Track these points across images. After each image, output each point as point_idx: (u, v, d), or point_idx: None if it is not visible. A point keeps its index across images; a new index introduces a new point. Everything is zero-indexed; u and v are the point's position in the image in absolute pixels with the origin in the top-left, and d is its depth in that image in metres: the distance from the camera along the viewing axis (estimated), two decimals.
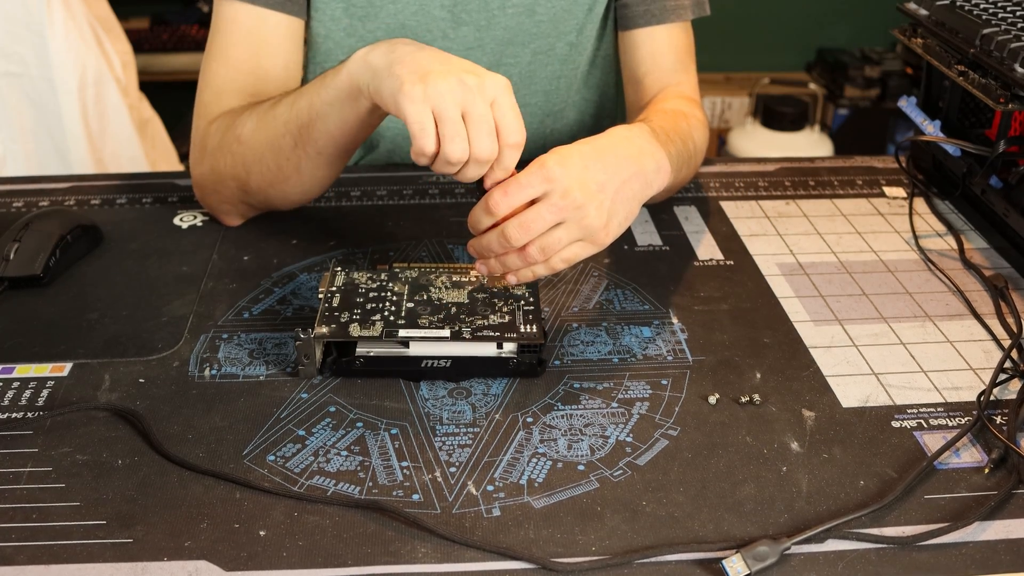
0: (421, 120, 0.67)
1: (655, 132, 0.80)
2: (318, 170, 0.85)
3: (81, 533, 0.58)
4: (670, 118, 0.88)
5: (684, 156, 0.87)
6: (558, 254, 0.71)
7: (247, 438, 0.66)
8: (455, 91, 0.67)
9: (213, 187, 0.90)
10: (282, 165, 0.84)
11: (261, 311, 0.80)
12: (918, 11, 1.00)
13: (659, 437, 0.67)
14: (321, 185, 0.88)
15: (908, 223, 0.96)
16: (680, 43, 1.01)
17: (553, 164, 0.69)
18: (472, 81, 0.67)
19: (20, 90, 1.60)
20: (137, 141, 1.72)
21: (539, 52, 1.04)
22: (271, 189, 0.87)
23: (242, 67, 0.91)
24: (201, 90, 0.92)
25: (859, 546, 0.58)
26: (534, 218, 0.68)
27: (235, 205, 0.91)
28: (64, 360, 0.74)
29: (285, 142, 0.82)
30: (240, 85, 0.91)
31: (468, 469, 0.64)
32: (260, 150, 0.84)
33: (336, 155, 0.83)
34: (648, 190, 0.76)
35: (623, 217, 0.73)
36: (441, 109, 0.67)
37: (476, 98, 0.67)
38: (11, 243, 0.84)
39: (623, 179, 0.73)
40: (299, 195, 0.89)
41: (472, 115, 0.67)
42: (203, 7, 2.61)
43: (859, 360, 0.75)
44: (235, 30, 0.91)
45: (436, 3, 1.00)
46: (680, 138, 0.86)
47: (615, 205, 0.72)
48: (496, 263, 0.72)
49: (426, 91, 0.67)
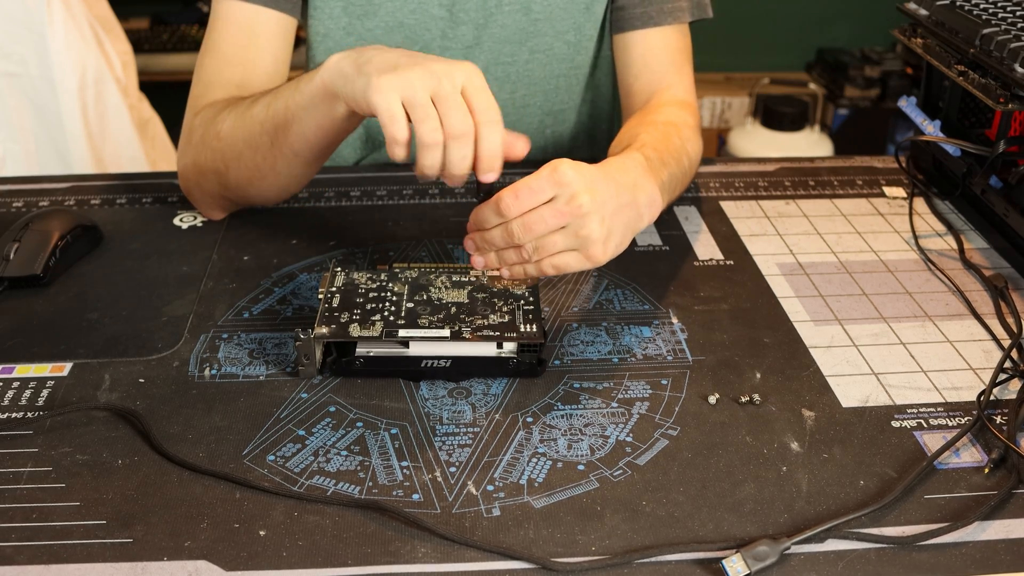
0: (390, 108, 0.68)
1: (648, 162, 0.79)
2: (295, 169, 0.86)
3: (81, 533, 0.58)
4: (662, 136, 0.87)
5: (677, 177, 0.87)
6: (550, 258, 0.70)
7: (247, 438, 0.66)
8: (423, 78, 0.67)
9: (196, 180, 0.91)
10: (259, 164, 0.85)
11: (261, 311, 0.80)
12: (918, 11, 1.00)
13: (659, 437, 0.67)
14: (299, 183, 0.89)
15: (908, 223, 0.96)
16: (674, 45, 1.01)
17: (566, 168, 0.69)
18: (439, 68, 0.68)
19: (20, 90, 1.60)
20: (137, 141, 1.72)
21: (537, 51, 1.04)
22: (249, 186, 0.88)
23: (231, 59, 0.93)
24: (193, 84, 0.95)
25: (859, 546, 0.58)
26: (538, 219, 0.68)
27: (216, 199, 0.92)
28: (64, 360, 0.74)
29: (262, 141, 0.83)
30: (227, 77, 0.93)
31: (468, 469, 0.64)
32: (238, 148, 0.85)
33: (312, 157, 0.84)
34: (639, 222, 0.76)
35: (620, 239, 0.73)
36: (410, 95, 0.67)
37: (443, 81, 0.67)
38: (11, 243, 0.84)
39: (620, 203, 0.73)
40: (277, 192, 0.90)
41: (440, 96, 0.67)
42: (203, 7, 2.61)
43: (859, 360, 0.75)
44: (227, 26, 0.94)
45: (435, 2, 1.00)
46: (674, 158, 0.86)
47: (614, 224, 0.72)
48: (494, 257, 0.72)
49: (393, 81, 0.68)
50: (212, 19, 0.95)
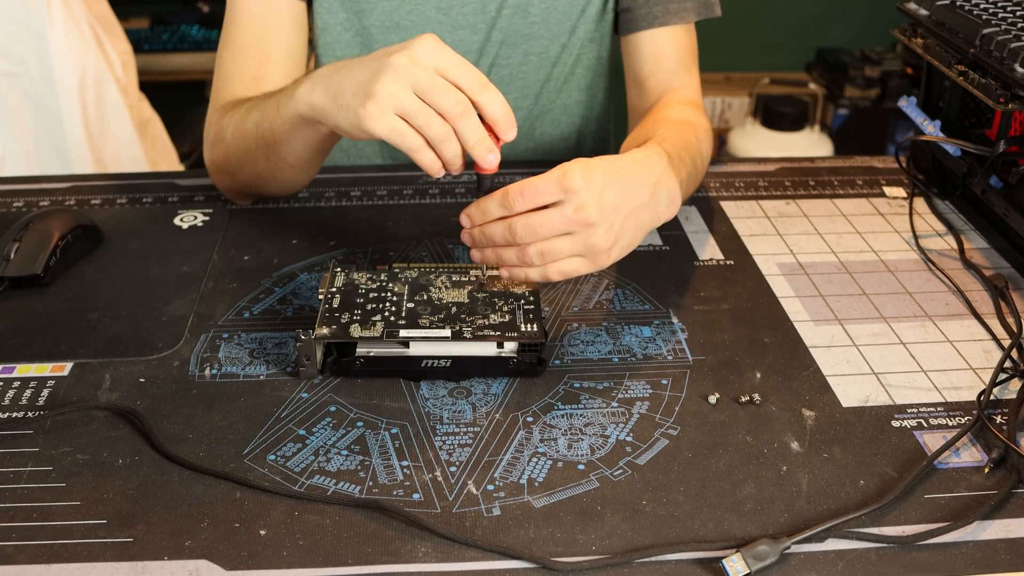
0: (392, 128, 0.68)
1: (671, 158, 0.79)
2: (295, 174, 0.89)
3: (82, 532, 0.58)
4: (680, 133, 0.87)
5: (694, 175, 0.87)
6: (556, 264, 0.70)
7: (247, 437, 0.66)
8: (398, 82, 0.67)
9: (216, 175, 0.96)
10: (260, 171, 0.89)
11: (261, 311, 0.80)
12: (918, 11, 1.00)
13: (659, 437, 0.67)
14: (304, 182, 0.94)
15: (908, 223, 0.96)
16: (683, 45, 1.01)
17: (576, 175, 0.68)
18: (403, 60, 0.67)
19: (20, 90, 1.60)
20: (137, 141, 1.72)
21: (531, 53, 1.04)
22: (257, 187, 0.93)
23: (248, 52, 0.95)
24: (214, 78, 0.97)
25: (859, 545, 0.58)
26: (543, 223, 0.68)
27: (235, 191, 0.96)
28: (64, 360, 0.74)
29: (258, 154, 0.86)
30: (244, 69, 0.95)
31: (468, 468, 0.64)
32: (240, 156, 0.89)
33: (308, 165, 0.87)
34: (656, 221, 0.76)
35: (627, 242, 0.73)
36: (400, 106, 0.67)
37: (416, 72, 0.67)
38: (11, 243, 0.84)
39: (635, 206, 0.72)
40: (284, 190, 0.95)
41: (422, 87, 0.67)
42: (203, 7, 2.61)
43: (859, 360, 0.75)
44: (242, 17, 0.96)
45: (431, 4, 1.00)
46: (691, 157, 0.86)
47: (623, 230, 0.71)
48: (492, 253, 0.72)
49: (378, 103, 0.67)
50: (228, 11, 0.97)
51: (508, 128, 0.69)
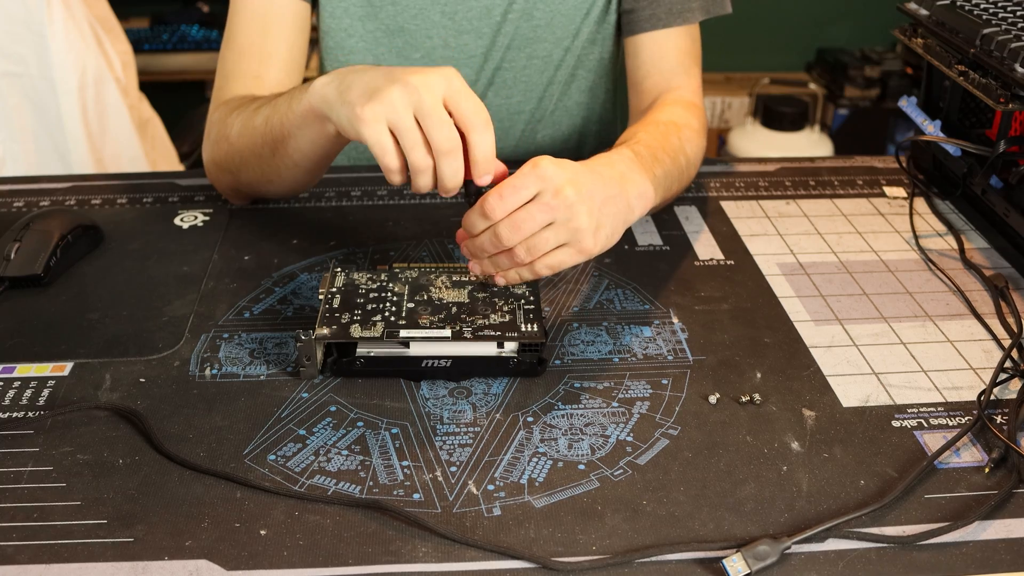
0: (379, 140, 0.68)
1: (638, 156, 0.80)
2: (299, 176, 0.89)
3: (82, 532, 0.58)
4: (660, 134, 0.87)
5: (674, 174, 0.87)
6: (543, 258, 0.70)
7: (248, 437, 0.66)
8: (403, 98, 0.67)
9: (215, 174, 0.95)
10: (264, 170, 0.88)
11: (262, 311, 0.80)
12: (918, 11, 1.00)
13: (659, 436, 0.67)
14: (306, 185, 0.93)
15: (908, 223, 0.96)
16: (683, 46, 1.01)
17: (547, 164, 0.69)
18: (417, 81, 0.68)
19: (20, 90, 1.60)
20: (137, 141, 1.72)
21: (534, 56, 1.04)
22: (259, 187, 0.93)
23: (249, 50, 0.95)
24: (216, 77, 0.98)
25: (859, 545, 0.58)
26: (525, 217, 0.68)
27: (235, 191, 0.96)
28: (65, 360, 0.74)
29: (264, 152, 0.85)
30: (245, 68, 0.95)
31: (469, 468, 0.64)
32: (244, 155, 0.88)
33: (313, 167, 0.87)
34: (630, 214, 0.76)
35: (610, 230, 0.73)
36: (395, 120, 0.68)
37: (423, 96, 0.67)
38: (12, 243, 0.84)
39: (608, 195, 0.73)
40: (286, 192, 0.94)
41: (423, 112, 0.67)
42: (203, 7, 2.60)
43: (859, 360, 0.75)
44: (244, 16, 0.96)
45: (436, 9, 1.00)
46: (669, 156, 0.86)
47: (604, 215, 0.72)
48: (488, 263, 0.72)
49: (376, 109, 0.68)
50: (231, 11, 0.97)
51: (484, 172, 0.70)
